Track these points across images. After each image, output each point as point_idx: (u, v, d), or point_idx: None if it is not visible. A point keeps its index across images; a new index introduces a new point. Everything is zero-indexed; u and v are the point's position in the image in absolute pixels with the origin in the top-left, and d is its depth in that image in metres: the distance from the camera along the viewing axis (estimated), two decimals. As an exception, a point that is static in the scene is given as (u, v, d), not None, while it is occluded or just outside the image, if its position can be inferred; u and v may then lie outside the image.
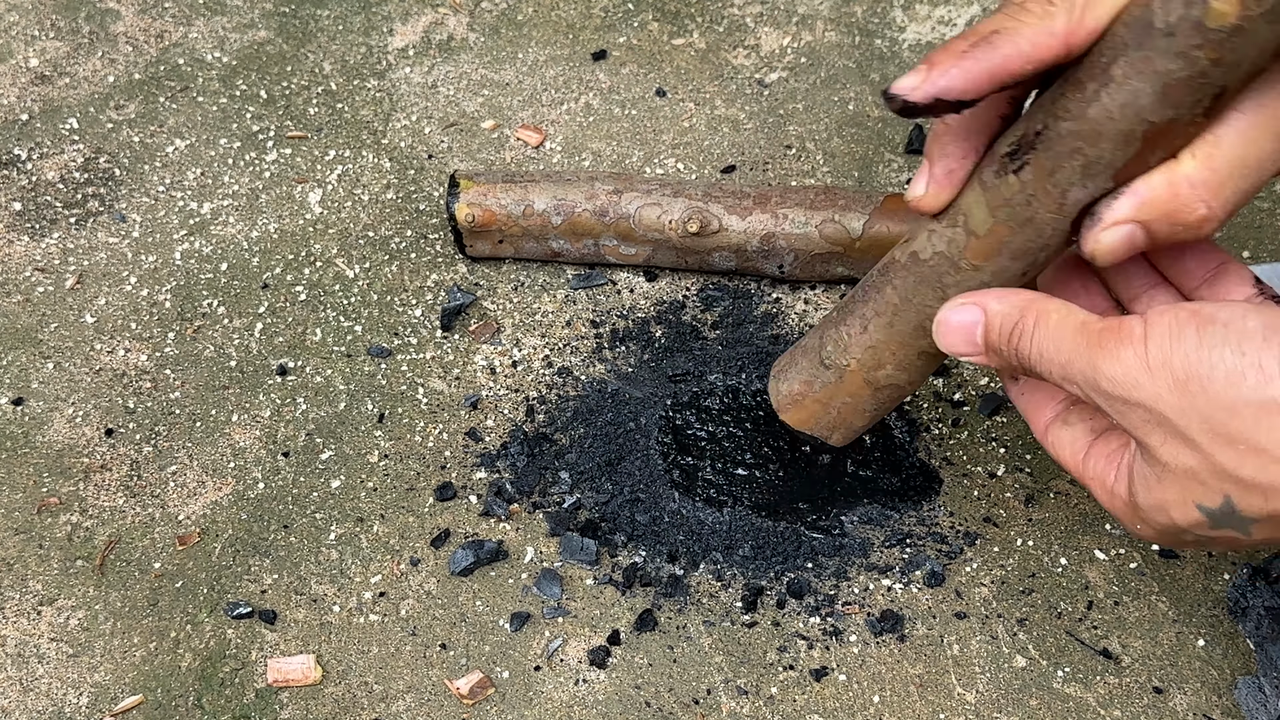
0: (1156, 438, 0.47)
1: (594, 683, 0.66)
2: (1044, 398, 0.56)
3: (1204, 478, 0.47)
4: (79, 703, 0.66)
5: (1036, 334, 0.50)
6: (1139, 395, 0.46)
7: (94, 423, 0.77)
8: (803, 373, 0.65)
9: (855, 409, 0.64)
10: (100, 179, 0.90)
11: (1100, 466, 0.53)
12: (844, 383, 0.63)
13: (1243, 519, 0.47)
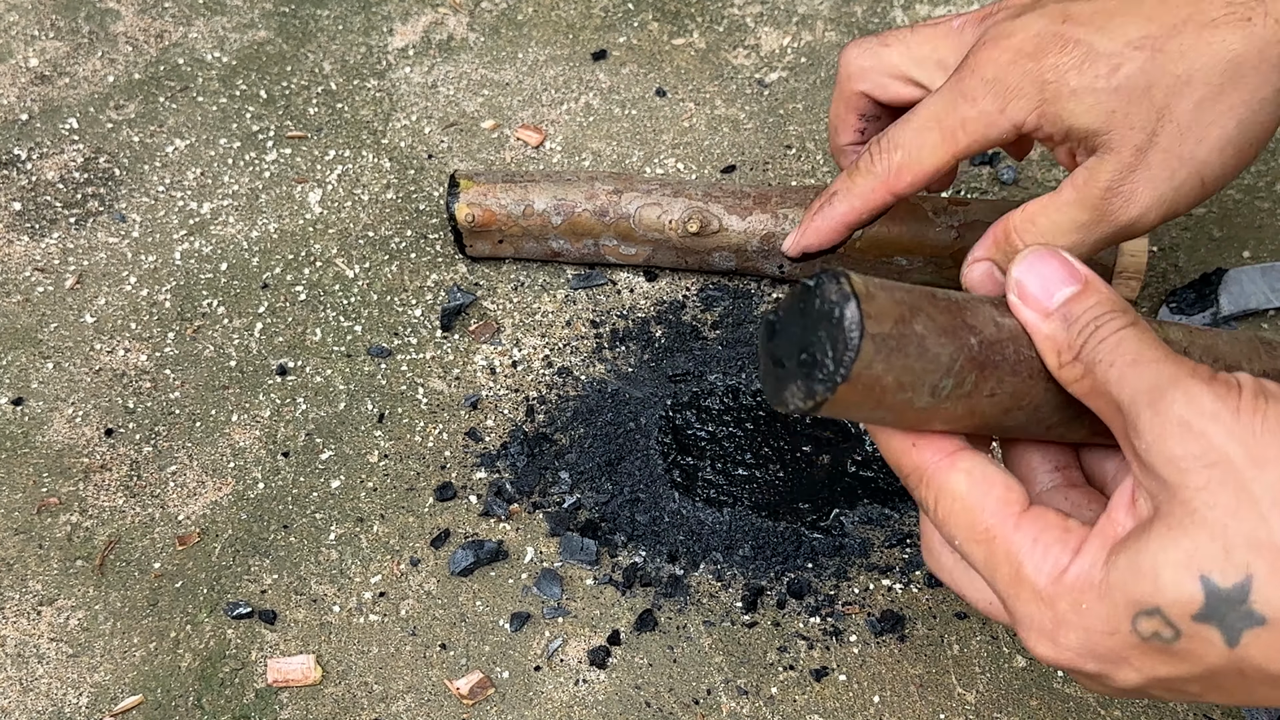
0: (1197, 480, 0.40)
1: (594, 683, 0.66)
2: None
3: (1233, 542, 0.38)
4: (79, 703, 0.66)
5: (1128, 335, 0.44)
6: (1211, 430, 0.40)
7: (94, 423, 0.77)
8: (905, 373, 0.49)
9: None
10: (100, 179, 0.90)
11: (1048, 531, 0.44)
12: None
13: (1246, 614, 0.39)
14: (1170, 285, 0.79)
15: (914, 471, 0.46)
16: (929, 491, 0.46)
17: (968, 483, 0.45)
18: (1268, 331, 0.77)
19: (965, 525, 0.44)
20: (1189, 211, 0.49)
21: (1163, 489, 0.40)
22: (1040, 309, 0.45)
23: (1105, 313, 0.44)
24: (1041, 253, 0.46)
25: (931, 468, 0.45)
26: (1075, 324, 0.44)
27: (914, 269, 0.78)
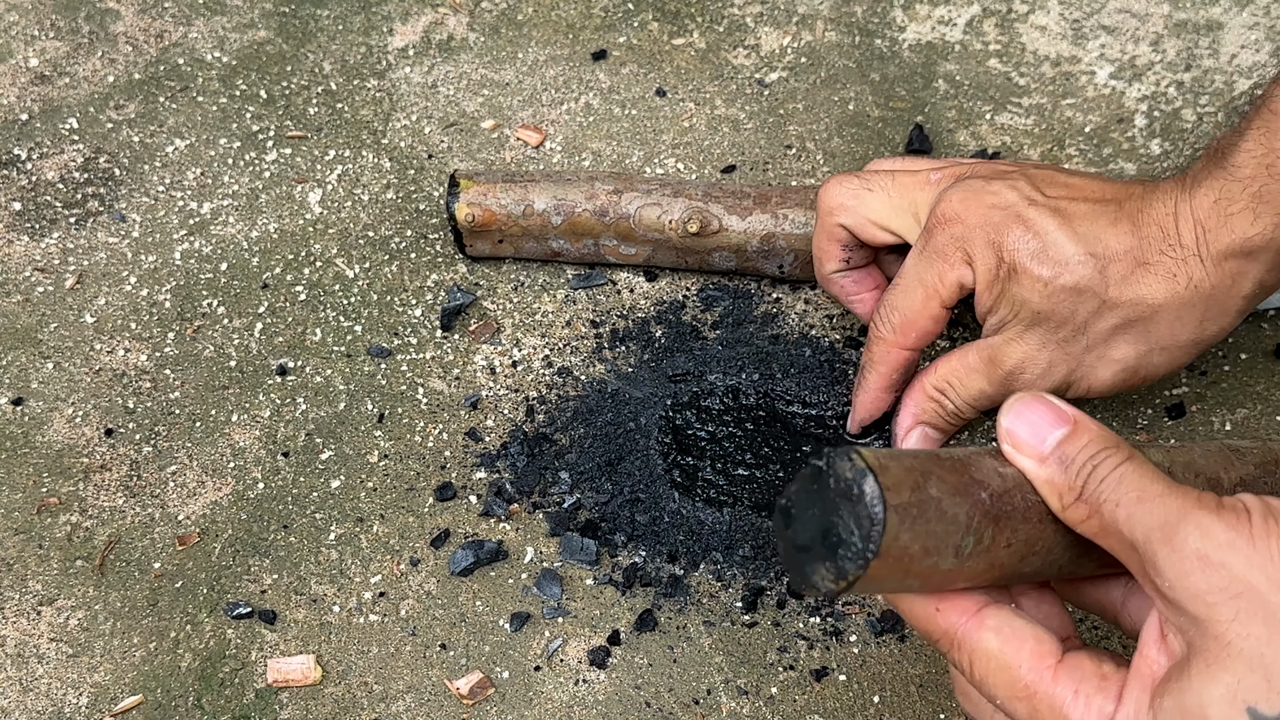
0: (1226, 613, 0.40)
1: (594, 683, 0.66)
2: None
3: (1273, 670, 0.39)
4: (79, 703, 0.66)
5: (1128, 471, 0.44)
6: (1230, 560, 0.40)
7: (94, 423, 0.77)
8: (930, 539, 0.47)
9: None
10: (100, 179, 0.90)
11: (1087, 681, 0.44)
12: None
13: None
14: (1170, 285, 0.79)
15: (944, 636, 0.46)
16: (962, 654, 0.46)
17: (999, 640, 0.45)
18: (1268, 331, 0.77)
19: (1005, 684, 0.45)
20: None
21: (1192, 624, 0.41)
22: (1035, 455, 0.45)
23: (1100, 450, 0.45)
24: (1027, 399, 0.46)
25: (961, 630, 0.46)
26: (1073, 466, 0.45)
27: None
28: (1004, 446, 0.46)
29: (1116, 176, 0.85)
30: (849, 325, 0.79)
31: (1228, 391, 0.74)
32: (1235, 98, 0.88)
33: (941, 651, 0.47)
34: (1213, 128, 0.87)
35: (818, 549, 0.43)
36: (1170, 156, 0.86)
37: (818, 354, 0.77)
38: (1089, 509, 0.44)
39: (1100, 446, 0.45)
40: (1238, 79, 0.89)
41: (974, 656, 0.45)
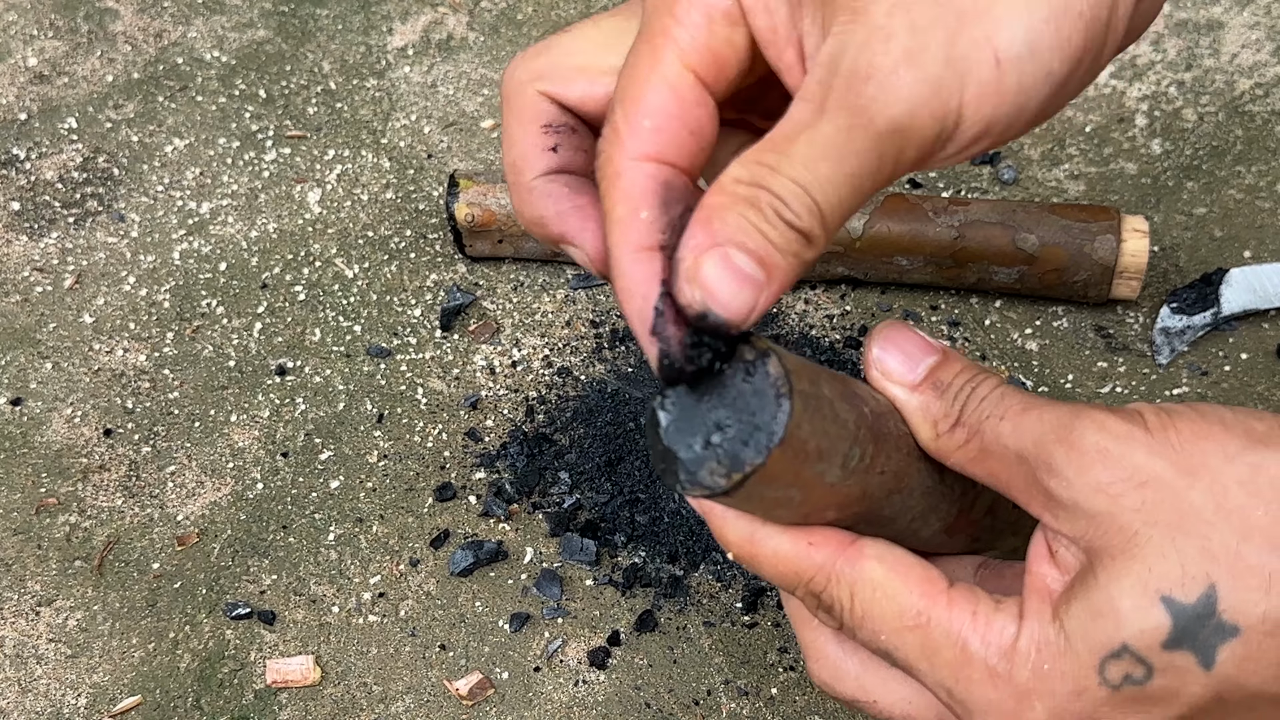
0: (1131, 502, 0.36)
1: (594, 683, 0.65)
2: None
3: (1186, 555, 0.36)
4: (77, 703, 0.66)
5: (1007, 390, 0.40)
6: (1131, 452, 0.37)
7: (92, 423, 0.77)
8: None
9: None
10: (99, 179, 0.90)
11: (983, 603, 0.39)
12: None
13: (1217, 628, 0.35)
14: (1171, 285, 0.79)
15: (819, 572, 0.40)
16: (840, 588, 0.40)
17: (884, 568, 0.40)
18: (1269, 331, 0.77)
19: (893, 614, 0.39)
20: (1004, 131, 0.36)
21: (1094, 524, 0.37)
22: (907, 382, 0.41)
23: (975, 374, 0.41)
24: (894, 326, 0.42)
25: (839, 562, 0.40)
26: (949, 390, 0.41)
27: (915, 268, 0.78)
28: (872, 374, 0.42)
29: (1117, 174, 0.85)
30: (849, 325, 0.79)
31: (1229, 392, 0.74)
32: (1236, 97, 0.88)
33: (811, 595, 0.41)
34: (1213, 127, 0.87)
35: (707, 443, 0.36)
36: (1171, 156, 0.86)
37: (818, 354, 0.77)
38: (967, 432, 0.40)
39: (974, 372, 0.41)
40: (1239, 78, 0.89)
41: (855, 588, 0.40)
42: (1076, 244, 0.75)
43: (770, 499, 0.38)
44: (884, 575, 0.40)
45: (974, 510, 0.45)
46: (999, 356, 0.77)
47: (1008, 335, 0.78)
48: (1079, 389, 0.75)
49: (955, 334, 0.78)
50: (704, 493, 0.36)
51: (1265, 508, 0.35)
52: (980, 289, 0.79)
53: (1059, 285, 0.76)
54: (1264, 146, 0.86)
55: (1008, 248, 0.75)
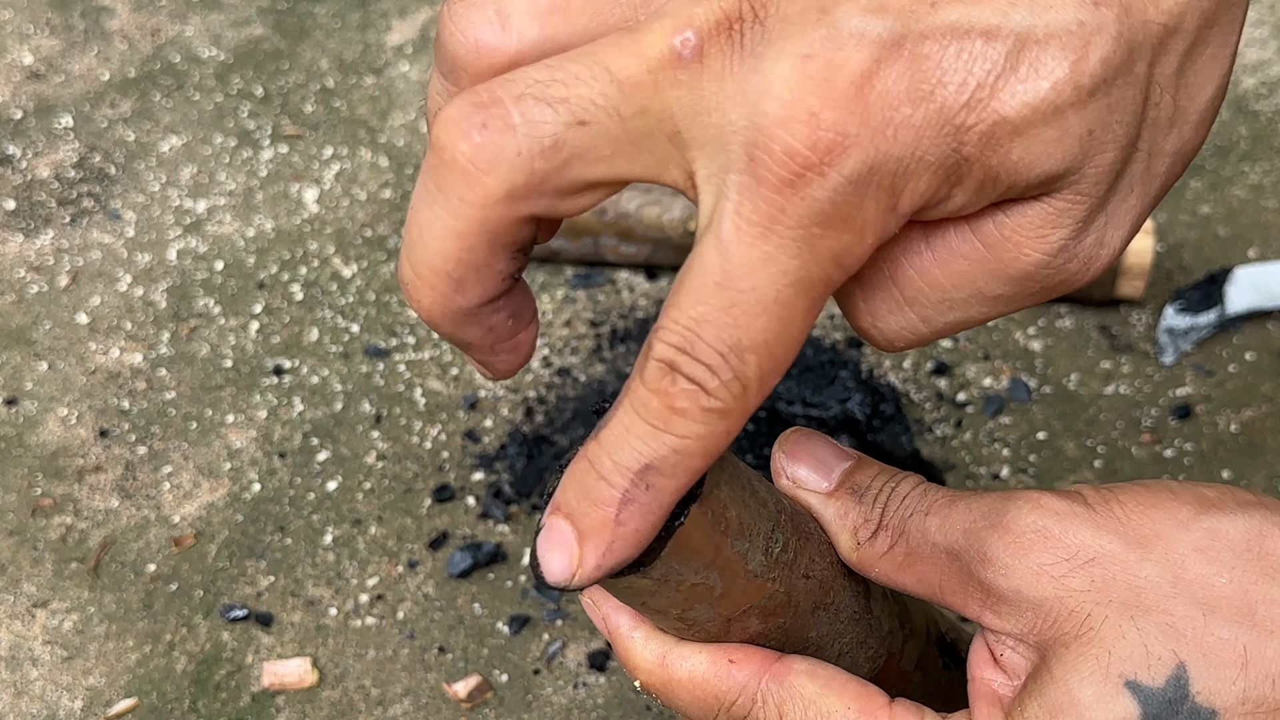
0: (1079, 583, 0.33)
1: (593, 686, 0.65)
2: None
3: (1148, 634, 0.32)
4: (73, 706, 0.65)
5: (929, 488, 0.37)
6: (1074, 530, 0.34)
7: (88, 423, 0.76)
8: None
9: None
10: (94, 177, 0.90)
11: (927, 718, 0.36)
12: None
13: (1195, 712, 0.32)
14: (1176, 284, 0.79)
15: (741, 693, 0.36)
16: (767, 710, 0.36)
17: (815, 684, 0.36)
18: (1273, 331, 0.76)
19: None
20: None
21: (1039, 614, 0.33)
22: (820, 490, 0.38)
23: (893, 475, 0.37)
24: (801, 433, 0.39)
25: (765, 679, 0.36)
26: (867, 493, 0.37)
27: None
28: (782, 483, 0.38)
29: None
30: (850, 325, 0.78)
31: (1233, 392, 0.74)
32: (1241, 95, 0.88)
33: (734, 719, 0.36)
34: (1218, 125, 0.87)
35: None
36: (1174, 154, 0.85)
37: (818, 354, 0.76)
38: (891, 535, 0.36)
39: (893, 474, 0.38)
40: (1244, 76, 0.89)
41: (785, 707, 0.36)
42: (1080, 243, 0.74)
43: (688, 586, 0.34)
44: (816, 691, 0.36)
45: (903, 659, 0.41)
46: (1002, 356, 0.76)
47: (1011, 335, 0.77)
48: (1083, 389, 0.74)
49: (957, 334, 0.78)
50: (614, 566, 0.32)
51: (1228, 575, 0.32)
52: (983, 288, 0.79)
53: (1062, 284, 0.76)
54: (1269, 145, 0.85)
55: (1011, 247, 0.75)
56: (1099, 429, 0.72)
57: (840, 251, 0.30)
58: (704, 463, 0.30)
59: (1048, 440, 0.72)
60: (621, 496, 0.31)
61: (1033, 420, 0.73)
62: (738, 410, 0.30)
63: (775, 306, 0.29)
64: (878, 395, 0.74)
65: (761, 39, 0.29)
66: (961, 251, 0.32)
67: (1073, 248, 0.32)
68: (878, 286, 0.34)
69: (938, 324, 0.34)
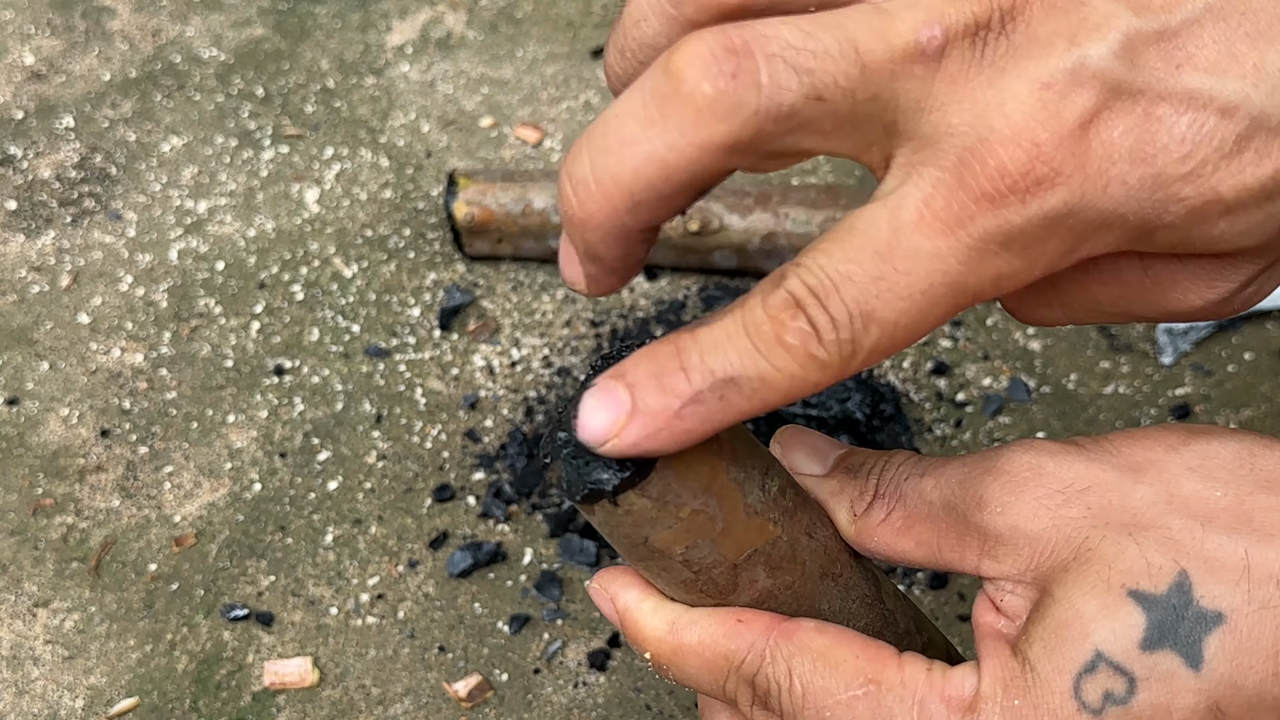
0: (1075, 511, 0.33)
1: (594, 685, 0.65)
2: None
3: (1146, 548, 0.32)
4: (74, 705, 0.66)
5: (920, 457, 0.38)
6: (1067, 464, 0.34)
7: (89, 423, 0.76)
8: None
9: None
10: (95, 177, 0.90)
11: (935, 663, 0.36)
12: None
13: (1201, 616, 0.31)
14: (1174, 284, 0.79)
15: (750, 651, 0.35)
16: (776, 667, 0.35)
17: (824, 637, 0.35)
18: (1273, 331, 0.76)
19: (839, 684, 0.34)
20: None
21: (1037, 547, 0.33)
22: (816, 473, 0.38)
23: (885, 454, 0.38)
24: (796, 428, 0.40)
25: (774, 636, 0.35)
26: (861, 470, 0.37)
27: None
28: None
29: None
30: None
31: (1233, 392, 0.74)
32: (1239, 95, 0.88)
33: (743, 682, 0.36)
34: (1216, 126, 0.87)
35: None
36: (1174, 155, 0.85)
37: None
38: (887, 502, 0.36)
39: (884, 453, 0.38)
40: (1241, 76, 0.89)
41: (794, 662, 0.35)
42: (1079, 243, 0.74)
43: (689, 513, 0.33)
44: (825, 644, 0.35)
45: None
46: (1001, 356, 0.77)
47: (1010, 335, 0.78)
48: (1082, 389, 0.74)
49: (957, 334, 0.78)
50: (614, 476, 0.33)
51: (1223, 489, 0.32)
52: (982, 288, 0.79)
53: (1062, 284, 0.76)
54: (1267, 145, 0.85)
55: (1010, 247, 0.75)
56: (1098, 429, 0.72)
57: (1006, 274, 0.30)
58: (780, 401, 0.31)
59: (1047, 440, 0.72)
60: (693, 394, 0.31)
61: (1032, 420, 0.73)
62: (836, 369, 0.31)
63: (922, 298, 0.30)
64: (877, 395, 0.74)
65: (1006, 53, 0.30)
66: (1127, 279, 0.33)
67: (1235, 298, 0.33)
68: (1038, 286, 0.34)
69: (1079, 321, 0.36)
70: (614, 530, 0.34)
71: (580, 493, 0.33)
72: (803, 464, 0.38)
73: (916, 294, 0.30)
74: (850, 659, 0.35)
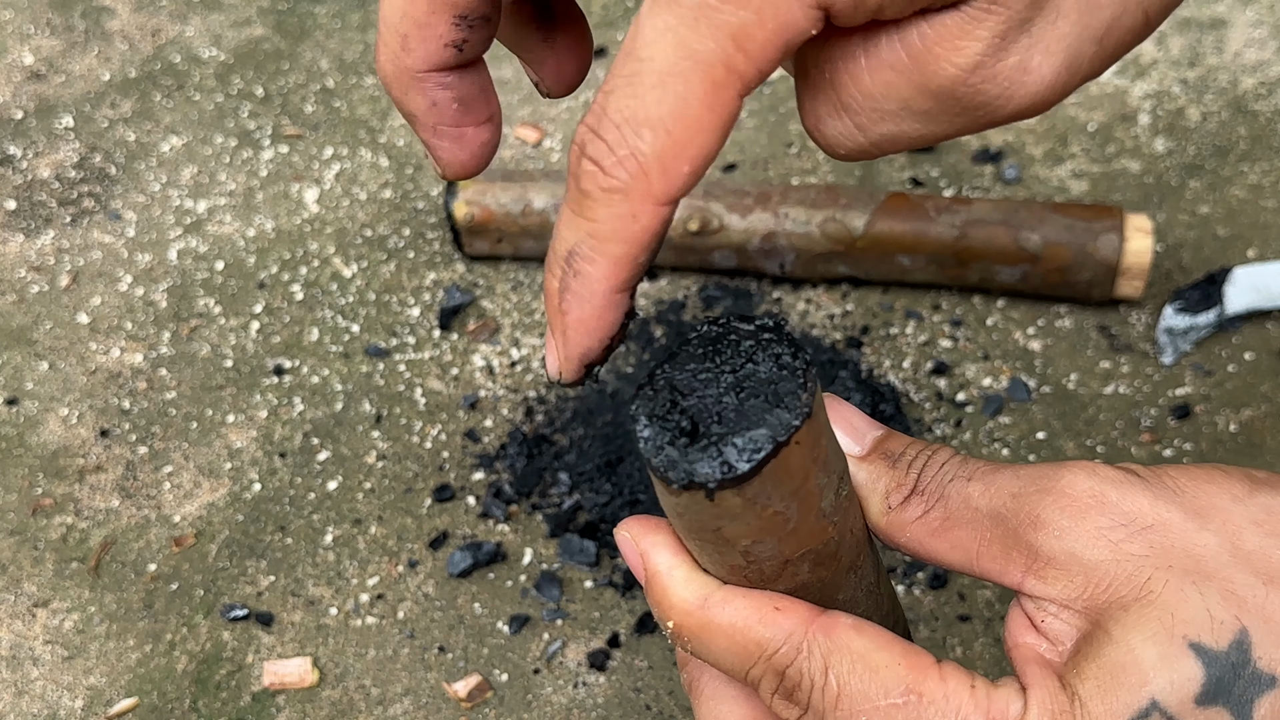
0: (1138, 548, 0.33)
1: (593, 686, 0.65)
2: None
3: (1210, 599, 0.32)
4: (73, 705, 0.65)
5: (966, 457, 0.37)
6: (1130, 497, 0.33)
7: (89, 423, 0.76)
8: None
9: None
10: (95, 177, 0.90)
11: (977, 679, 0.35)
12: None
13: (1253, 678, 0.31)
14: (1175, 284, 0.79)
15: (787, 642, 0.34)
16: (813, 661, 0.34)
17: (864, 639, 0.34)
18: (1273, 331, 0.76)
19: (876, 691, 0.33)
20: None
21: (1095, 578, 0.33)
22: (853, 454, 0.37)
23: (927, 446, 0.37)
24: (836, 399, 0.38)
25: (811, 630, 0.34)
26: (902, 459, 0.36)
27: (917, 267, 0.77)
28: None
29: (1120, 173, 0.85)
30: (850, 325, 0.78)
31: (1233, 392, 0.74)
32: (1240, 95, 0.88)
33: (773, 671, 0.35)
34: (1217, 126, 0.87)
35: (719, 421, 0.32)
36: (1175, 154, 0.85)
37: (819, 354, 0.76)
38: (926, 500, 0.35)
39: (926, 444, 0.37)
40: (1242, 76, 0.89)
41: (831, 660, 0.34)
42: (1080, 243, 0.74)
43: (770, 513, 0.34)
44: (865, 646, 0.34)
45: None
46: (1001, 356, 0.76)
47: (1010, 335, 0.77)
48: (1082, 389, 0.74)
49: (958, 334, 0.78)
50: (724, 470, 0.32)
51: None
52: (983, 288, 0.79)
53: (1062, 285, 0.76)
54: (1268, 145, 0.85)
55: (1010, 247, 0.75)
56: (1098, 429, 0.72)
57: (737, 30, 0.29)
58: (626, 251, 0.31)
59: (1047, 440, 0.72)
60: (559, 285, 0.32)
61: (1032, 420, 0.73)
62: (638, 191, 0.30)
63: (671, 79, 0.29)
64: (877, 395, 0.74)
65: None
66: (889, 61, 0.32)
67: (990, 65, 0.31)
68: (819, 89, 0.34)
69: (873, 134, 0.33)
70: (687, 514, 0.34)
71: (679, 480, 0.32)
72: (842, 439, 0.37)
73: (666, 76, 0.29)
74: (890, 665, 0.34)
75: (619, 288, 0.32)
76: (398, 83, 0.36)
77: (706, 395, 0.33)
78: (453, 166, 0.38)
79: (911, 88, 0.32)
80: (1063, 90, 0.32)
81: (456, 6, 0.34)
